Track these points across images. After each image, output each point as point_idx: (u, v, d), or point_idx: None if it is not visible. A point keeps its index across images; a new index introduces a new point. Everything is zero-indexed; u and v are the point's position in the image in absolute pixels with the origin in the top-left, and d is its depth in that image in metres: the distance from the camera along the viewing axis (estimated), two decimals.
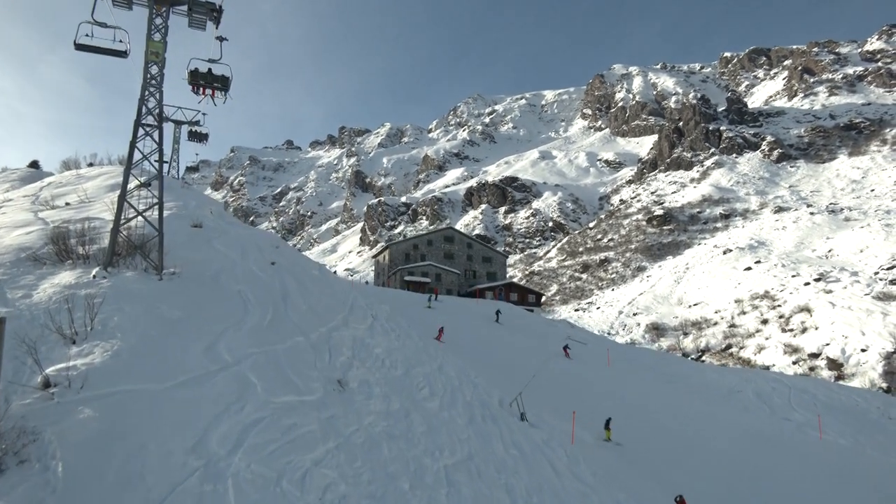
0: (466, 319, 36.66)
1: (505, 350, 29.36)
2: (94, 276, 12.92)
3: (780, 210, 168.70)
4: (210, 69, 18.31)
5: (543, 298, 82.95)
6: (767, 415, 29.97)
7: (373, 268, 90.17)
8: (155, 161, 15.01)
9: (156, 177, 15.13)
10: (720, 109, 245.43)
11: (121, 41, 14.95)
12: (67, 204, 23.02)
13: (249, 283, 14.92)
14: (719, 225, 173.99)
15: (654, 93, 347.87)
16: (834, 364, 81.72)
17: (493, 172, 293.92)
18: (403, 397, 12.95)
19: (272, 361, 11.43)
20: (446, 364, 17.40)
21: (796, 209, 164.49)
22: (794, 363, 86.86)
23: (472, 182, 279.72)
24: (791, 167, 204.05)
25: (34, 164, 50.41)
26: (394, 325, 19.58)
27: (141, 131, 14.50)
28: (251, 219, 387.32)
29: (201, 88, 17.90)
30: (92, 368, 9.22)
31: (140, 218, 14.93)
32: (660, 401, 28.29)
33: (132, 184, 15.23)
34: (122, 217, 14.36)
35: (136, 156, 15.07)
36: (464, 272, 67.75)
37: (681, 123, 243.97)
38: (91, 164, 37.10)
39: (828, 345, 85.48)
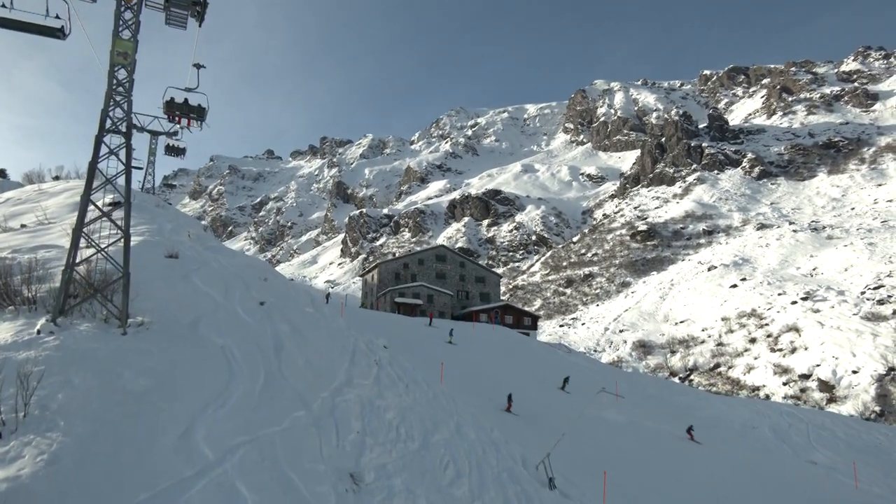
0: (484, 351, 34.26)
1: (517, 387, 26.90)
2: (39, 332, 10.25)
3: (762, 227, 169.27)
4: (186, 99, 18.04)
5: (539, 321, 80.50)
6: (790, 457, 27.94)
7: (359, 286, 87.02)
8: (121, 185, 12.40)
9: (121, 204, 12.52)
10: (701, 126, 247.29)
11: (57, 16, 11.59)
12: (23, 226, 20.19)
13: (235, 333, 12.30)
14: (702, 241, 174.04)
15: (636, 108, 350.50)
16: (825, 386, 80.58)
17: (476, 185, 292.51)
18: (429, 487, 10.45)
19: (267, 455, 8.83)
20: (463, 423, 14.94)
21: (779, 226, 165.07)
22: (784, 384, 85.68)
23: (455, 194, 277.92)
24: (772, 184, 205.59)
25: (1, 174, 47.03)
26: (398, 369, 17.08)
27: (105, 149, 11.90)
28: (230, 228, 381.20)
29: (177, 118, 17.93)
30: (16, 487, 6.61)
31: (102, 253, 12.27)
32: (676, 443, 26.09)
33: (93, 212, 12.57)
34: (79, 254, 11.70)
35: (100, 178, 12.51)
36: (456, 293, 65.13)
37: (663, 139, 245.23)
38: (57, 178, 34.06)
39: (818, 366, 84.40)
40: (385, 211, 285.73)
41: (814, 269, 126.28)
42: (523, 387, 27.86)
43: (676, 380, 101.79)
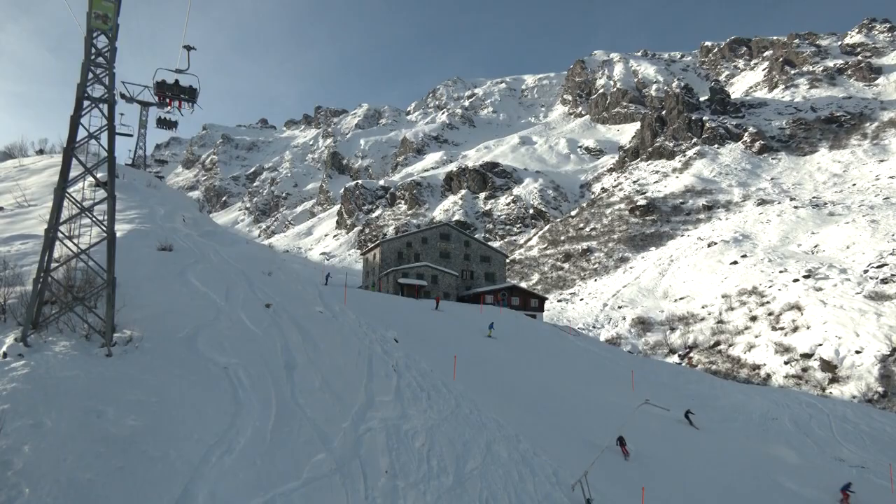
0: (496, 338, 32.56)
1: (536, 380, 25.45)
2: (5, 355, 8.53)
3: (762, 203, 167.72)
4: (177, 80, 17.85)
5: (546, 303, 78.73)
6: (816, 454, 26.76)
7: (356, 258, 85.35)
8: (102, 179, 10.57)
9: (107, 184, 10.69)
10: (703, 99, 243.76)
11: None
12: (0, 209, 18.30)
13: (240, 349, 10.57)
14: (702, 216, 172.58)
15: (635, 80, 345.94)
16: (828, 366, 79.92)
17: (473, 157, 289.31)
18: None
19: None
20: (493, 440, 13.39)
21: (779, 202, 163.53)
22: (785, 363, 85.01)
23: (452, 167, 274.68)
24: (773, 159, 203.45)
25: None
26: (416, 374, 15.50)
27: (83, 131, 10.03)
28: (224, 199, 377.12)
29: (168, 100, 17.66)
30: None
31: (83, 254, 10.49)
32: (700, 440, 24.80)
33: (77, 201, 10.72)
34: (58, 252, 9.92)
35: (94, 159, 10.69)
36: (461, 273, 63.41)
37: (663, 112, 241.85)
38: (41, 151, 31.89)
39: (821, 345, 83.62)
40: (381, 182, 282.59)
41: (815, 247, 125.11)
42: (545, 381, 26.42)
43: (676, 357, 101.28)
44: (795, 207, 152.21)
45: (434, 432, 11.92)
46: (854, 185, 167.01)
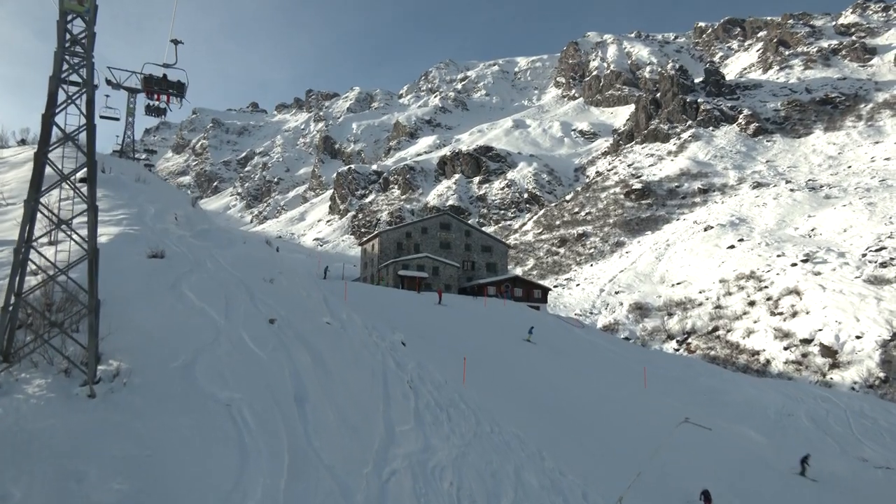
0: (502, 334, 31.12)
1: (552, 382, 24.27)
2: None
3: (758, 185, 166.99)
4: (165, 75, 18.52)
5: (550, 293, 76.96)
6: (838, 454, 25.88)
7: (349, 244, 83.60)
8: (80, 185, 9.16)
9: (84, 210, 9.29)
10: (697, 80, 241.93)
11: None
12: None
13: (244, 379, 9.16)
14: (698, 200, 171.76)
15: (629, 62, 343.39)
16: (828, 351, 79.49)
17: (467, 141, 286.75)
18: None
19: None
20: (522, 468, 12.24)
21: (775, 185, 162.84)
22: (785, 349, 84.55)
23: (445, 151, 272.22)
24: (767, 141, 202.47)
25: None
26: (432, 388, 14.32)
27: (58, 132, 8.60)
28: (215, 184, 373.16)
29: (156, 94, 18.44)
30: None
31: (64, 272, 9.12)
32: (723, 443, 23.78)
33: (53, 212, 9.34)
34: (41, 258, 8.58)
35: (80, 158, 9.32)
36: (462, 263, 61.97)
37: (658, 94, 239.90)
38: (22, 142, 30.18)
39: (820, 330, 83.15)
40: (374, 167, 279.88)
41: (812, 230, 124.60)
42: (555, 380, 25.29)
43: (674, 343, 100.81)
44: (791, 190, 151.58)
45: (461, 465, 10.73)
46: (849, 167, 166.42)
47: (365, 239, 68.65)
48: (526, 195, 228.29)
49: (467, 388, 18.08)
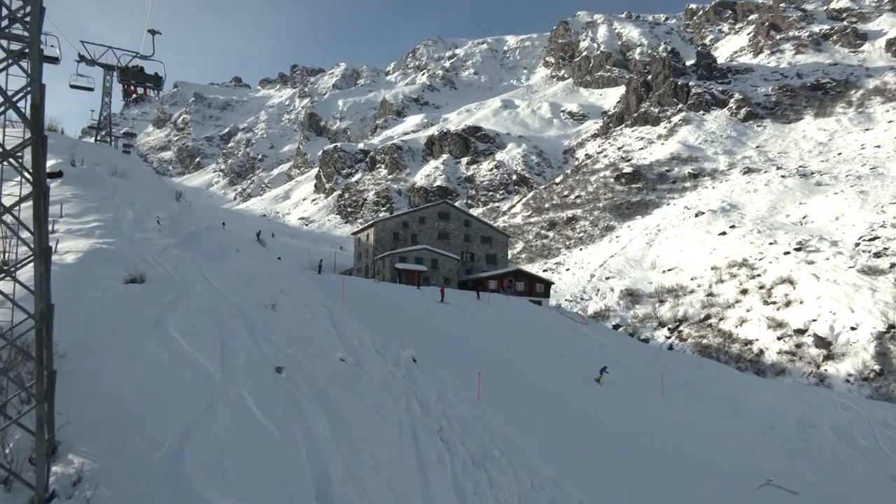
0: (516, 339, 28.87)
1: (563, 396, 22.39)
2: None
3: (749, 171, 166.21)
4: (142, 67, 19.62)
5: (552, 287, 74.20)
6: (869, 472, 24.40)
7: (335, 223, 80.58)
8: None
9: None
10: (689, 63, 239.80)
11: None
12: None
13: (249, 473, 6.59)
14: (688, 185, 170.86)
15: (619, 43, 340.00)
16: (822, 342, 78.83)
17: (455, 121, 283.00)
18: None
19: None
20: None
21: (766, 171, 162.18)
22: (778, 339, 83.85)
23: (433, 130, 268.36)
24: (758, 126, 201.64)
25: None
26: (460, 430, 12.28)
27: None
28: (197, 160, 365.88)
29: (132, 86, 19.01)
30: None
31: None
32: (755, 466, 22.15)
33: None
34: None
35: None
36: (461, 255, 59.56)
37: (649, 77, 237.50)
38: None
39: (814, 321, 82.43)
40: (360, 146, 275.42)
41: (804, 218, 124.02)
42: (570, 392, 23.38)
43: (666, 331, 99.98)
44: (783, 177, 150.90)
45: None
46: (840, 154, 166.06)
47: (360, 228, 65.50)
48: (514, 177, 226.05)
49: (487, 413, 16.17)
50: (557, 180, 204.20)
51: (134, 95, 22.25)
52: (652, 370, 31.48)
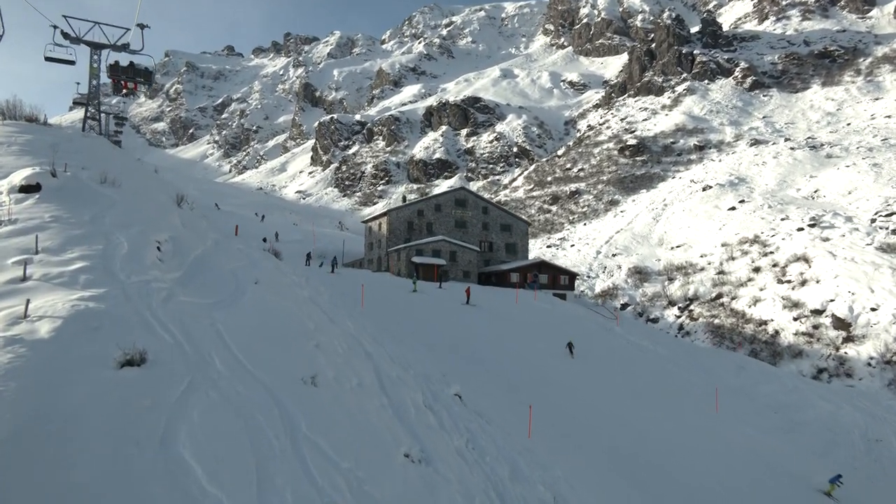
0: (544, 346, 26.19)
1: (620, 420, 19.78)
2: None
3: (756, 143, 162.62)
4: (131, 62, 21.05)
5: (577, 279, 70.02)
6: None
7: (332, 197, 76.78)
8: None
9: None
10: (693, 31, 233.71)
11: None
12: None
13: None
14: (694, 157, 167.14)
15: (620, 10, 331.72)
16: (841, 323, 76.65)
17: (453, 91, 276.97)
18: None
19: None
20: None
21: (774, 143, 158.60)
22: (795, 319, 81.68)
23: (432, 101, 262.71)
24: (764, 96, 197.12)
25: None
26: None
27: None
28: (191, 131, 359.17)
29: (122, 82, 19.48)
30: None
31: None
32: None
33: None
34: None
35: None
36: (479, 244, 56.09)
37: (653, 45, 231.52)
38: None
39: (832, 301, 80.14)
40: (357, 117, 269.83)
41: (815, 192, 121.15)
42: (621, 414, 20.75)
43: (676, 310, 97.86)
44: (791, 149, 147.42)
45: None
46: (849, 124, 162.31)
47: (371, 217, 61.18)
48: (515, 149, 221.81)
49: (541, 454, 13.60)
50: (560, 153, 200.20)
51: (125, 91, 19.44)
52: (697, 377, 28.93)
